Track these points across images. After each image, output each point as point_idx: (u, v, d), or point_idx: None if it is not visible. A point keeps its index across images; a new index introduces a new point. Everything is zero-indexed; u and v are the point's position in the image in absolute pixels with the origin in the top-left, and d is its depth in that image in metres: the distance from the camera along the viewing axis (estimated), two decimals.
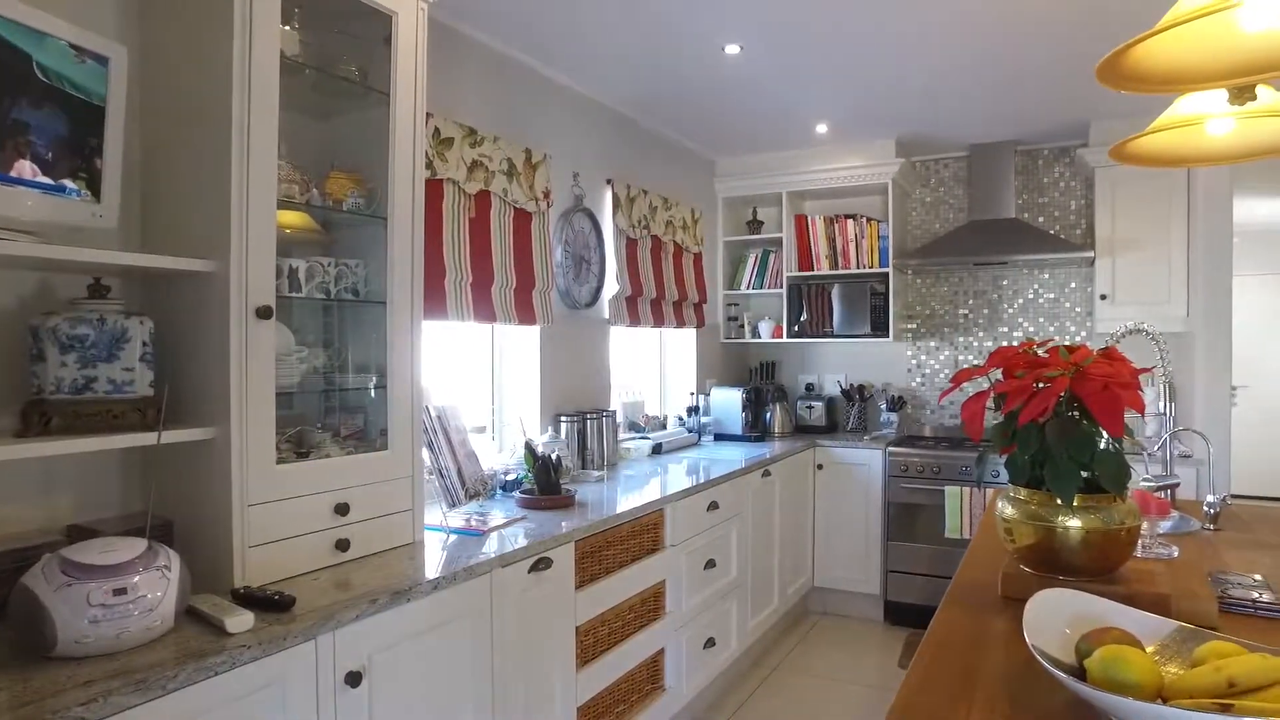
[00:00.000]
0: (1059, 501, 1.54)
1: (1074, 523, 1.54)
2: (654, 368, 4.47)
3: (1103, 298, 4.08)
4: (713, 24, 2.86)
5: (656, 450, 3.77)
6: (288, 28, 1.86)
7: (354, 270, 2.09)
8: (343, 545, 1.89)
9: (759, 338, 4.83)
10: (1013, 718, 1.10)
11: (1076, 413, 1.58)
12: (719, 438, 4.35)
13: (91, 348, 1.54)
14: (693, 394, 4.45)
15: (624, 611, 2.65)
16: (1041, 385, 1.56)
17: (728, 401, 4.38)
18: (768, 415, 4.58)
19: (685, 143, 4.48)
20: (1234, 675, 1.00)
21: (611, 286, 3.68)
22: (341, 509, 1.90)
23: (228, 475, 1.64)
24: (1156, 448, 2.50)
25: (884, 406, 4.64)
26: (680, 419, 4.32)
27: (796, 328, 4.62)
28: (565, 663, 2.32)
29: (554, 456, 2.72)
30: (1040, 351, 1.67)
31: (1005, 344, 4.36)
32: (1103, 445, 1.57)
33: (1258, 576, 1.71)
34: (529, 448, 2.73)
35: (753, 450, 3.97)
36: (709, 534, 3.18)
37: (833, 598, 4.43)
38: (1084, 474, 1.55)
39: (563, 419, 3.27)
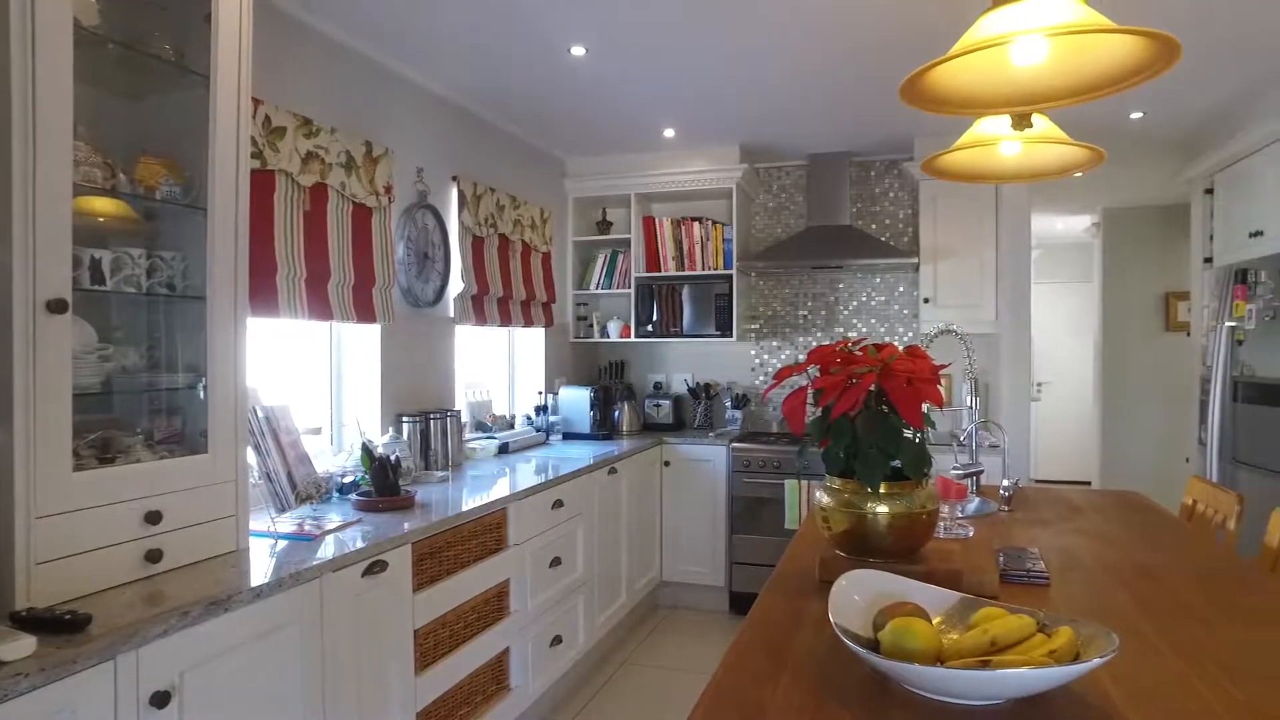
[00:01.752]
0: (868, 489, 1.66)
1: (882, 508, 1.66)
2: (502, 367, 4.43)
3: (926, 301, 4.41)
4: (558, 25, 2.87)
5: (503, 450, 3.74)
6: None
7: (170, 263, 1.96)
8: (154, 556, 1.77)
9: (608, 337, 4.89)
10: (816, 692, 1.18)
11: (885, 407, 1.71)
12: (567, 436, 4.38)
13: None
14: (541, 393, 4.45)
15: (466, 613, 2.62)
16: (854, 381, 1.68)
17: (576, 400, 4.41)
18: (616, 414, 4.65)
19: (535, 142, 4.47)
20: (996, 635, 1.12)
21: (457, 285, 3.63)
22: (153, 517, 1.77)
23: (10, 485, 1.49)
24: (963, 438, 2.74)
25: (729, 404, 4.81)
26: (529, 418, 4.31)
27: (650, 326, 4.71)
28: (403, 667, 2.27)
29: (393, 457, 2.65)
30: (855, 350, 1.80)
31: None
32: (908, 436, 1.71)
33: (1034, 550, 1.91)
34: (366, 448, 2.65)
35: (600, 448, 4.01)
36: (554, 532, 3.19)
37: (680, 591, 4.55)
38: (892, 463, 1.69)
39: (404, 419, 3.19)
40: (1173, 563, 1.89)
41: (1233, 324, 3.79)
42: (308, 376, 3.07)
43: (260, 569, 1.86)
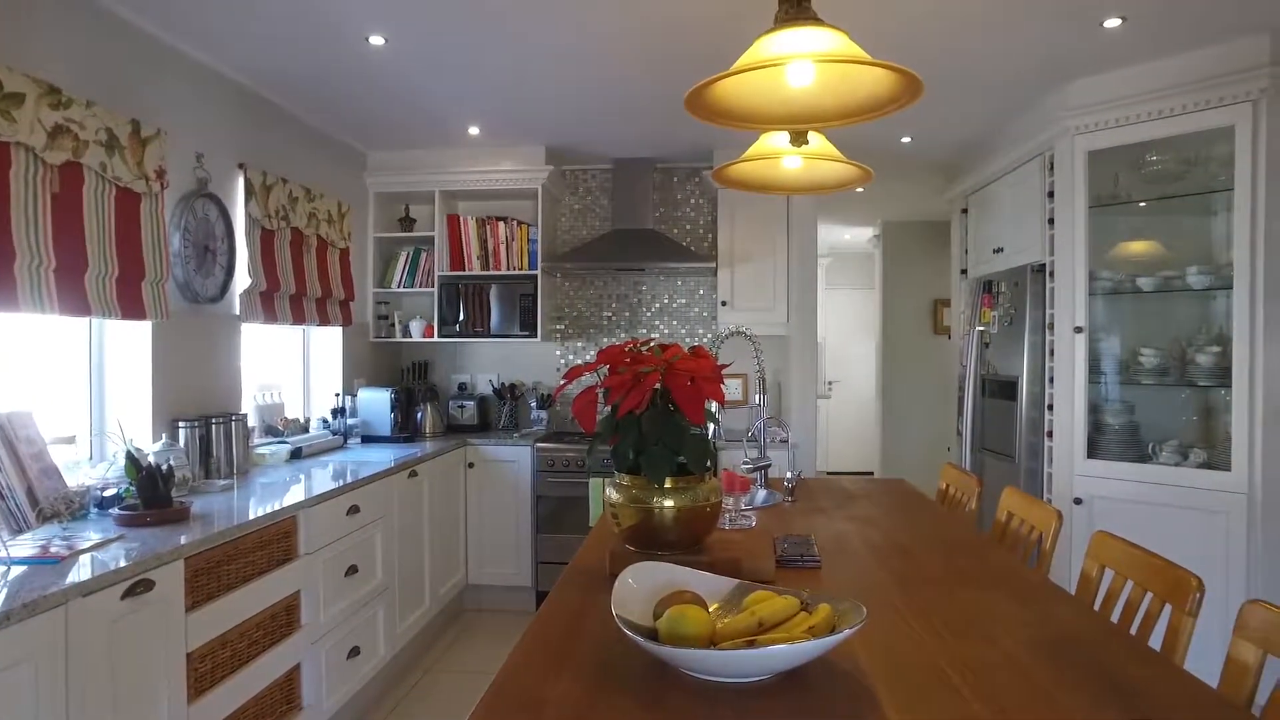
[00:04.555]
0: (655, 485, 1.73)
1: (668, 502, 1.73)
2: (297, 368, 4.18)
3: (724, 304, 4.64)
4: (355, 10, 2.75)
5: (296, 455, 3.53)
6: None
7: None
8: None
9: (410, 337, 4.75)
10: (598, 681, 1.21)
11: (671, 405, 1.78)
12: (366, 440, 4.20)
13: None
14: (339, 395, 4.24)
15: (250, 629, 2.45)
16: (640, 380, 1.73)
17: (376, 402, 4.25)
18: (419, 415, 4.53)
19: (333, 133, 4.25)
20: (763, 616, 1.21)
21: (244, 280, 3.38)
22: None
23: None
24: (750, 434, 2.91)
25: (534, 405, 4.82)
26: (325, 421, 4.09)
27: (458, 326, 4.62)
28: (174, 695, 2.08)
29: (165, 466, 2.43)
30: (644, 350, 1.86)
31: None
32: (692, 432, 1.79)
33: (810, 536, 2.07)
34: (131, 457, 2.41)
35: (401, 451, 3.89)
36: (350, 539, 3.05)
37: (487, 593, 4.50)
38: (679, 459, 1.76)
39: (181, 424, 2.93)
40: (925, 540, 2.11)
41: (981, 328, 4.30)
42: (60, 379, 2.74)
43: None
